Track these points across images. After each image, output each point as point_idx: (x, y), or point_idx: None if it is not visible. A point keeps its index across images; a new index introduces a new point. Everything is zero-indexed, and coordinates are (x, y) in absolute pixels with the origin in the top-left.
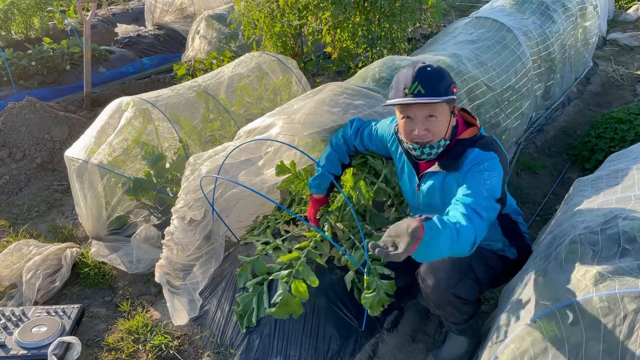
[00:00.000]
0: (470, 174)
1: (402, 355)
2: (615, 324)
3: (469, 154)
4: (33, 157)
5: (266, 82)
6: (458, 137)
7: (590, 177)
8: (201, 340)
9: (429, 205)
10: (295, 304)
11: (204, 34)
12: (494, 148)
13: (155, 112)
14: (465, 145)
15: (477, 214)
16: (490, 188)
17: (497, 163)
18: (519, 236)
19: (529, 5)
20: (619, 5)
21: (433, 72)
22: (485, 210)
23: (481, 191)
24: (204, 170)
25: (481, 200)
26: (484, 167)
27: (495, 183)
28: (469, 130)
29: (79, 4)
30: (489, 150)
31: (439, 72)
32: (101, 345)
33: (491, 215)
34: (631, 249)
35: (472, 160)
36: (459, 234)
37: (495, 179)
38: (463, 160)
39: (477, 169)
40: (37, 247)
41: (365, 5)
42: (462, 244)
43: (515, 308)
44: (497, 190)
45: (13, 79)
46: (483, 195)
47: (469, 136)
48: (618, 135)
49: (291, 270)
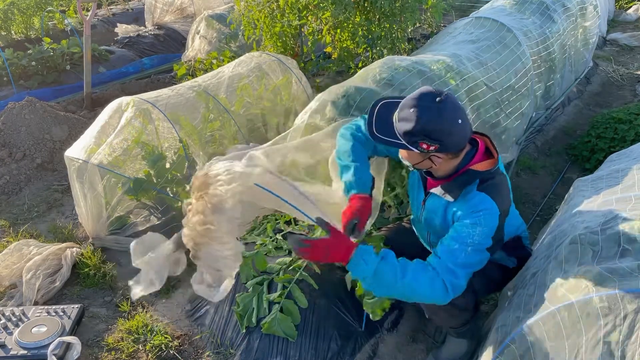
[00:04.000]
0: (462, 222)
1: (402, 355)
2: (615, 324)
3: (473, 197)
4: (33, 157)
5: (266, 82)
6: (470, 166)
7: (590, 177)
8: (201, 340)
9: (430, 225)
10: (287, 326)
11: (204, 34)
12: (500, 195)
13: (155, 112)
14: (473, 178)
15: (452, 273)
16: (478, 243)
17: (494, 218)
18: (520, 247)
19: (529, 5)
20: (619, 5)
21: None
22: (463, 268)
23: (466, 245)
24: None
25: (462, 257)
26: (479, 221)
27: (485, 237)
28: (485, 163)
29: (79, 4)
30: (494, 198)
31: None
32: (101, 345)
33: (473, 268)
34: (631, 249)
35: (471, 207)
36: (418, 284)
37: (485, 235)
38: (465, 195)
39: (471, 219)
40: (37, 247)
41: (366, 5)
42: (426, 293)
43: (516, 308)
44: (484, 243)
45: (13, 79)
46: (466, 252)
47: (483, 169)
48: (618, 135)
49: (283, 292)
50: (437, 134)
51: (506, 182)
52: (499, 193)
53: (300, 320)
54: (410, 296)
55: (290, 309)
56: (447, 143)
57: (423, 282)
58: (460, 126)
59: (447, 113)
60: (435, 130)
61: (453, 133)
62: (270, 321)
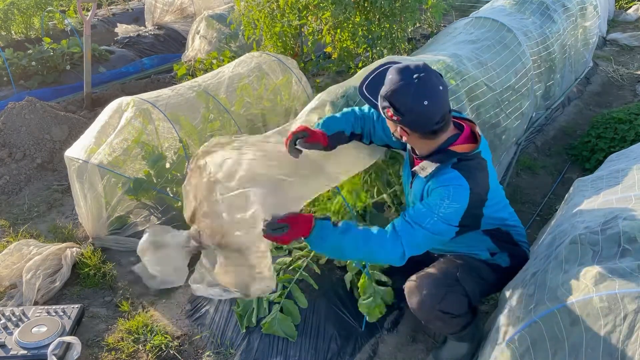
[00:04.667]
0: (434, 193)
1: (402, 355)
2: (615, 324)
3: (445, 172)
4: (33, 157)
5: (266, 82)
6: (451, 147)
7: (590, 177)
8: (201, 340)
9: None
10: (287, 326)
11: (204, 34)
12: (474, 177)
13: (156, 112)
14: (449, 157)
15: (411, 227)
16: (445, 216)
17: (464, 195)
18: (512, 243)
19: (529, 5)
20: (619, 5)
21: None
22: (424, 229)
23: (433, 213)
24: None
25: (427, 219)
26: (448, 195)
27: (453, 213)
28: (465, 146)
29: (79, 4)
30: (467, 177)
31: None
32: (101, 345)
33: (439, 236)
34: (631, 249)
35: (442, 181)
36: (373, 243)
37: (454, 210)
38: (439, 172)
39: (442, 193)
40: (37, 247)
41: (366, 5)
42: (378, 253)
43: (516, 308)
44: (452, 219)
45: (13, 79)
46: (432, 219)
47: (461, 151)
48: (618, 135)
49: (283, 292)
50: (399, 105)
51: (484, 168)
52: (472, 174)
53: (300, 320)
54: (370, 258)
55: (290, 309)
56: (407, 118)
57: (384, 244)
58: (424, 107)
59: (415, 90)
60: (398, 100)
61: (414, 111)
62: (270, 321)
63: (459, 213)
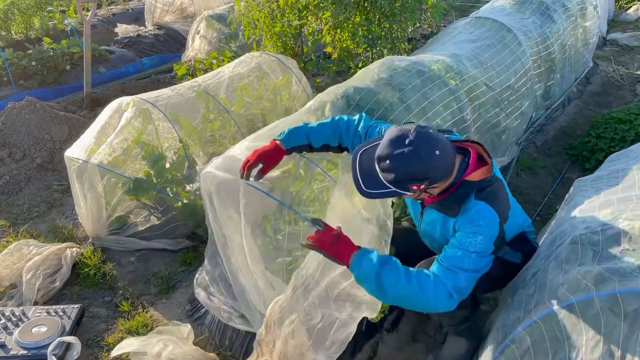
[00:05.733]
0: (465, 229)
1: (402, 355)
2: (615, 324)
3: (472, 206)
4: (33, 157)
5: (266, 82)
6: (465, 177)
7: (590, 177)
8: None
9: (430, 235)
10: None
11: (204, 34)
12: (499, 201)
13: (156, 112)
14: (471, 189)
15: (454, 273)
16: (481, 251)
17: (494, 224)
18: (525, 241)
19: (529, 5)
20: (619, 5)
21: (392, 165)
22: (466, 272)
23: (469, 253)
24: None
25: (466, 261)
26: (479, 229)
27: (486, 244)
28: (479, 172)
29: (79, 4)
30: (493, 205)
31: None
32: (101, 345)
33: (482, 271)
34: (631, 249)
35: (471, 217)
36: (417, 282)
37: (487, 241)
38: (465, 207)
39: (473, 229)
40: (37, 247)
41: (365, 5)
42: (421, 293)
43: (516, 308)
44: (487, 249)
45: (13, 79)
46: (470, 258)
47: (478, 179)
48: (618, 135)
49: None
50: (421, 174)
51: (503, 187)
52: (497, 200)
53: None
54: (414, 302)
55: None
56: (434, 176)
57: (427, 288)
58: (439, 156)
59: (422, 151)
60: (417, 172)
61: (436, 166)
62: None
63: (491, 242)
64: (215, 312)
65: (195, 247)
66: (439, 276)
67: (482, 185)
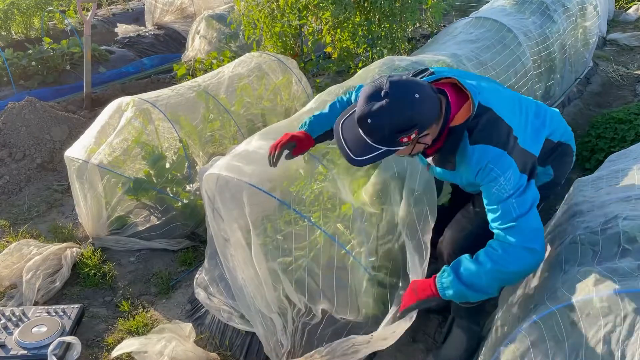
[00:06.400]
0: (485, 188)
1: (402, 355)
2: (615, 324)
3: (471, 155)
4: (33, 157)
5: (266, 82)
6: (450, 123)
7: (590, 177)
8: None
9: (446, 180)
10: None
11: (204, 34)
12: (496, 131)
13: (156, 112)
14: (461, 134)
15: (513, 228)
16: (515, 188)
17: (505, 159)
18: (555, 146)
19: (529, 5)
20: (619, 5)
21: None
22: (522, 216)
23: (508, 200)
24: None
25: (512, 209)
26: (495, 173)
27: (516, 178)
28: (462, 111)
29: (79, 4)
30: (490, 141)
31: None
32: (101, 345)
33: (535, 204)
34: (631, 249)
35: (475, 167)
36: (504, 262)
37: (510, 176)
38: (464, 158)
39: (490, 183)
40: (37, 247)
41: (366, 5)
42: (513, 264)
43: (516, 308)
44: (518, 182)
45: (13, 79)
46: (512, 203)
47: (463, 120)
48: (618, 135)
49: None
50: (407, 123)
51: (493, 114)
52: (492, 133)
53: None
54: (509, 278)
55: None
56: (421, 121)
57: (503, 260)
58: (420, 99)
59: (400, 99)
60: (402, 121)
61: (419, 111)
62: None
63: (516, 172)
64: (215, 312)
65: (195, 247)
66: (502, 242)
67: (471, 125)
